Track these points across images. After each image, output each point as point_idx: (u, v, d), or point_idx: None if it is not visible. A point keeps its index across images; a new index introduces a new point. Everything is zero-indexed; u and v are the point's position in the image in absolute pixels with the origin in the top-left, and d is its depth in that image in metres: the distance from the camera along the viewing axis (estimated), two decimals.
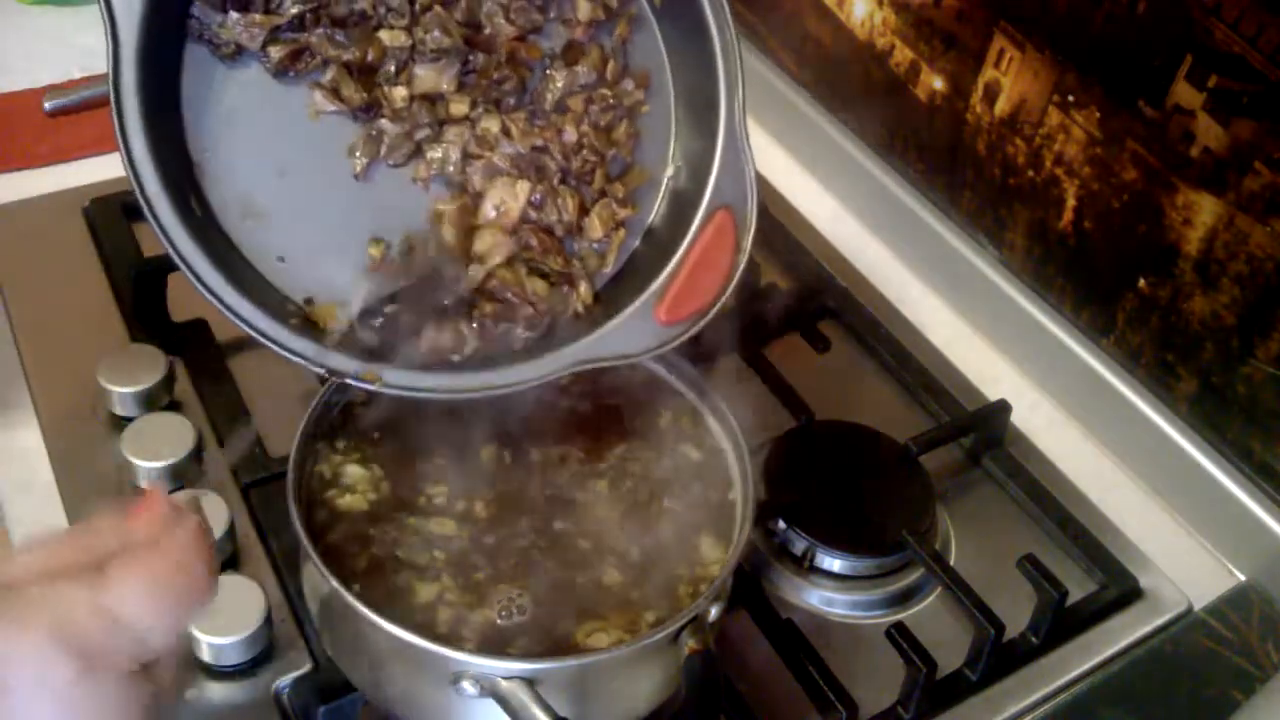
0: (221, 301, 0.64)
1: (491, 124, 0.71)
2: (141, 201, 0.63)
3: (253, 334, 0.65)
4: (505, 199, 0.70)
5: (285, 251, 0.68)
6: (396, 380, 0.67)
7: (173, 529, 0.50)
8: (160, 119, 0.64)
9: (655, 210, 0.76)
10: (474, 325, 0.70)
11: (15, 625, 0.44)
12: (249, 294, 0.65)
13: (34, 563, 0.47)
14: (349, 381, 0.67)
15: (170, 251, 0.63)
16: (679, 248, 0.72)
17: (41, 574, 0.46)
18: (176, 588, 0.48)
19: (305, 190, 0.68)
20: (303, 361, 0.66)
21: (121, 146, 0.62)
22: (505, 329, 0.70)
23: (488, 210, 0.70)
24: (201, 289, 0.64)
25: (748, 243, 0.73)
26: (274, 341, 0.65)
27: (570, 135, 0.72)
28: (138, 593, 0.47)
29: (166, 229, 0.63)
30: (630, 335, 0.71)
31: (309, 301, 0.68)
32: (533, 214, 0.71)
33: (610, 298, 0.73)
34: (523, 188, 0.71)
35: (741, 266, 0.72)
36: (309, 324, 0.67)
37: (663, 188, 0.76)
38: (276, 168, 0.68)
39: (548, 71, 0.73)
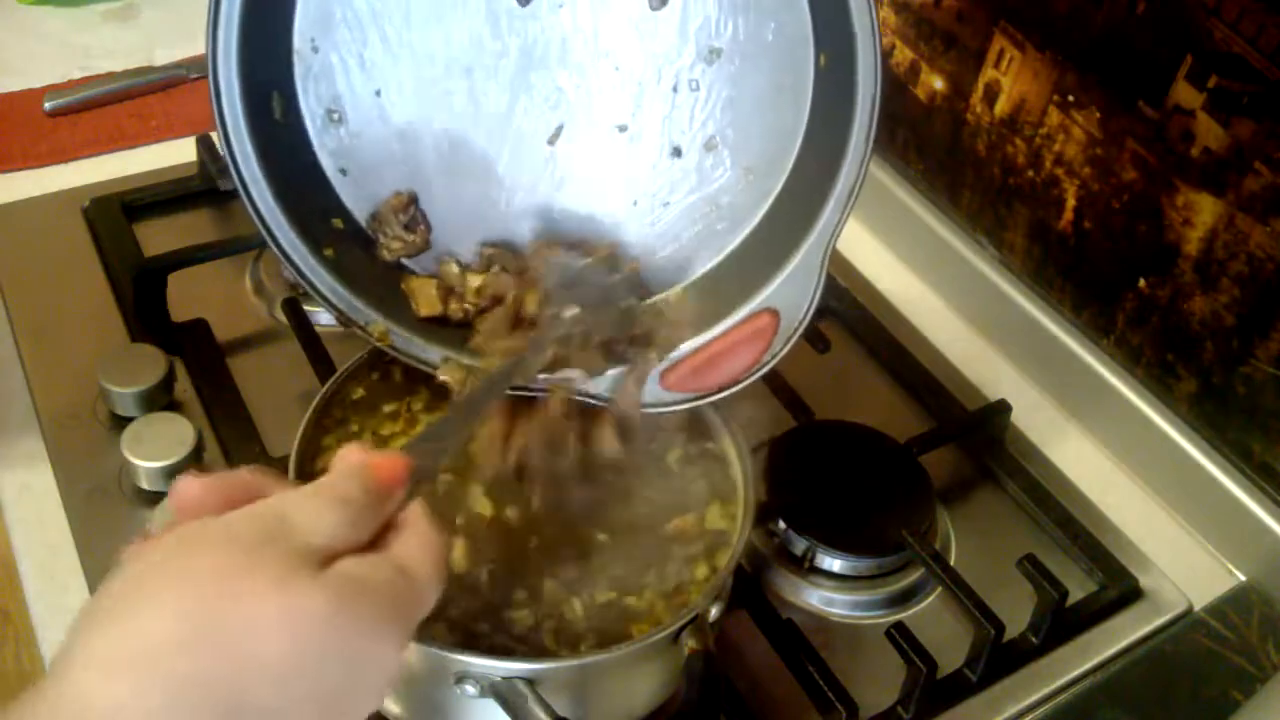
0: (255, 207, 0.64)
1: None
2: (211, 82, 0.62)
3: (287, 263, 0.65)
4: None
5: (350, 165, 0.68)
6: (403, 346, 0.68)
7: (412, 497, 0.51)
8: None
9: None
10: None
11: (374, 625, 0.46)
12: (290, 209, 0.65)
13: (318, 528, 0.46)
14: (356, 330, 0.66)
15: (228, 159, 0.63)
16: (715, 328, 0.70)
17: (344, 548, 0.47)
18: (442, 559, 0.50)
19: (398, 114, 0.68)
20: (319, 295, 0.66)
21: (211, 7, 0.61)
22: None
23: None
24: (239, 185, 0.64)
25: (781, 351, 0.69)
26: (313, 286, 0.66)
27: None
28: (426, 570, 0.49)
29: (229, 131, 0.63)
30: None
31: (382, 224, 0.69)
32: None
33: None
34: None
35: (765, 370, 0.70)
36: (339, 264, 0.68)
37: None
38: (374, 86, 0.67)
39: None
